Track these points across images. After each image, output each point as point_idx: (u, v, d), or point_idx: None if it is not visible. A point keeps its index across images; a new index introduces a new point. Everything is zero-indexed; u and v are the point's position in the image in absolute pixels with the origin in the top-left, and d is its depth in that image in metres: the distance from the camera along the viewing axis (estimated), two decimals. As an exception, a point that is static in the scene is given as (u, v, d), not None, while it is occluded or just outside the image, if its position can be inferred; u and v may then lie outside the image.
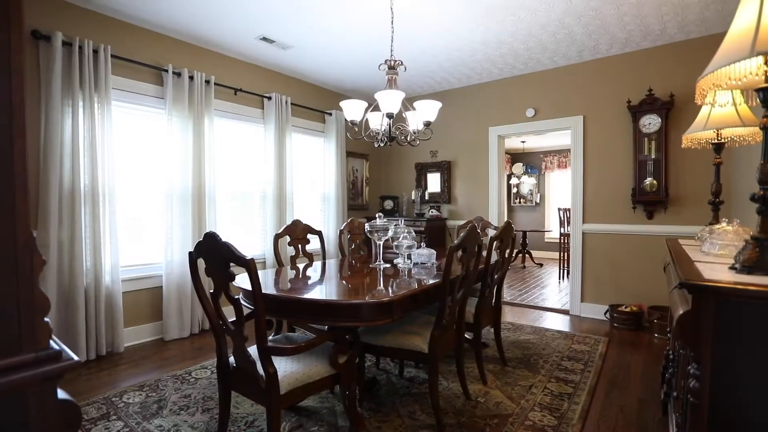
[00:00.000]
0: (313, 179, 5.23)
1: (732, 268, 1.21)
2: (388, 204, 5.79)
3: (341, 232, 3.48)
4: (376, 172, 6.21)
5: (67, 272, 3.04)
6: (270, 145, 4.46)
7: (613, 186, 4.13)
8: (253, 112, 4.41)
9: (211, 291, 1.73)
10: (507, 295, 5.36)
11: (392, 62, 2.81)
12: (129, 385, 2.63)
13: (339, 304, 1.77)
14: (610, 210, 4.15)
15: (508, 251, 2.87)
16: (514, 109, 4.80)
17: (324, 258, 3.28)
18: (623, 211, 4.07)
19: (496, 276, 2.75)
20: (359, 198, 5.99)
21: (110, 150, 3.21)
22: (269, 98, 4.45)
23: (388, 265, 2.79)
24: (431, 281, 2.14)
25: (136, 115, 3.53)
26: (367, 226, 2.75)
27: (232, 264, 1.60)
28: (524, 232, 8.00)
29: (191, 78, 3.72)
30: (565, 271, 6.48)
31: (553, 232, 8.83)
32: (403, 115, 3.00)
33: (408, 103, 2.92)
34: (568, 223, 6.26)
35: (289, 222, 4.67)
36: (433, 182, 5.60)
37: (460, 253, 2.10)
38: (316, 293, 1.96)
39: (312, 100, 5.12)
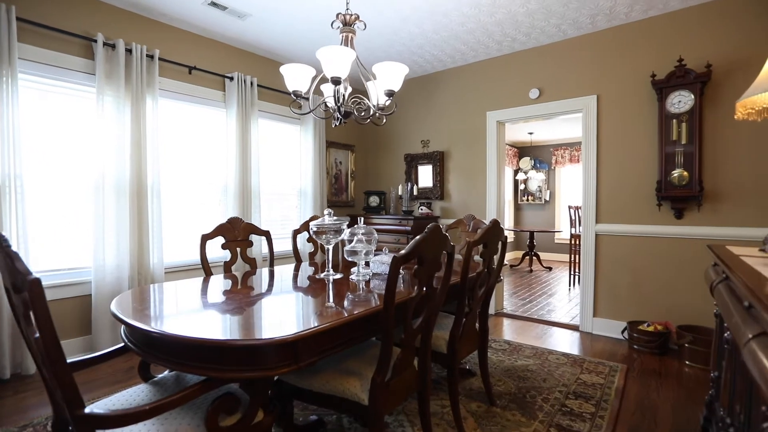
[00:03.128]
0: (287, 172, 4.64)
1: None
2: (374, 200, 5.17)
3: (296, 232, 2.88)
4: (363, 164, 5.60)
5: (-40, 280, 2.51)
6: (232, 132, 3.88)
7: (633, 179, 3.44)
8: (214, 95, 3.84)
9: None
10: (508, 304, 4.69)
11: (347, 16, 2.20)
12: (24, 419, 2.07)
13: (210, 344, 1.16)
14: (629, 208, 3.46)
15: (497, 258, 2.23)
16: (515, 91, 4.13)
17: (271, 264, 2.68)
18: (645, 209, 3.37)
19: (480, 291, 2.12)
20: (343, 193, 5.39)
21: (17, 133, 2.67)
22: (231, 78, 3.87)
23: (337, 276, 2.17)
24: (365, 308, 1.51)
25: (58, 93, 2.97)
26: (312, 225, 2.15)
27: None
28: (531, 233, 7.29)
29: (129, 51, 3.16)
30: (576, 276, 5.77)
31: (563, 232, 8.10)
32: (366, 85, 2.38)
33: (372, 73, 2.30)
34: (580, 222, 5.56)
35: (255, 219, 4.14)
36: (425, 176, 4.96)
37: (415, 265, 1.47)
38: (189, 324, 1.35)
39: (283, 83, 4.52)
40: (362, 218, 2.38)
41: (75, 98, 3.04)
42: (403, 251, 1.40)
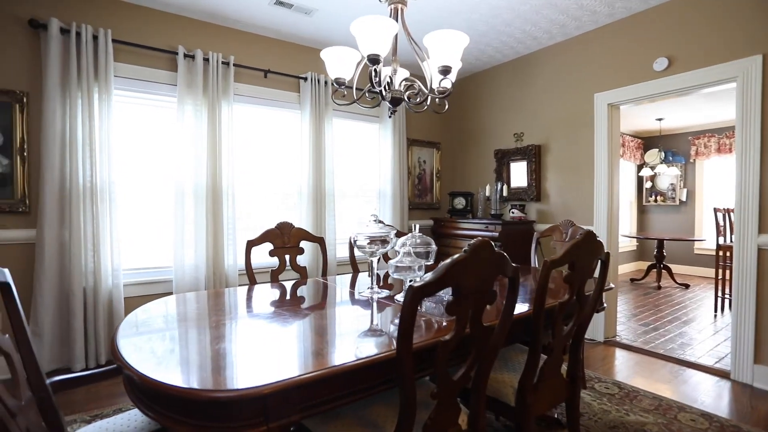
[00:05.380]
0: (365, 173, 4.45)
1: None
2: (459, 202, 4.68)
3: (354, 240, 2.61)
4: (449, 163, 5.15)
5: (67, 274, 2.82)
6: (306, 133, 3.81)
7: (821, 170, 2.39)
8: (288, 96, 3.82)
9: None
10: (624, 330, 3.79)
11: (396, -17, 1.84)
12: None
13: (167, 389, 0.92)
14: (814, 212, 2.42)
15: (596, 282, 1.65)
16: (633, 63, 3.28)
17: (323, 274, 2.46)
18: None
19: (567, 327, 1.57)
20: (427, 195, 5.01)
21: (111, 143, 2.91)
22: (305, 79, 3.81)
23: (383, 294, 1.83)
24: (378, 352, 1.13)
25: (146, 105, 3.20)
26: (353, 235, 1.84)
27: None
28: (660, 241, 5.95)
29: (206, 60, 3.27)
30: (726, 300, 4.47)
31: (706, 241, 6.48)
32: (422, 67, 1.99)
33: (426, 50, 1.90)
34: (731, 230, 4.29)
35: (330, 222, 4.01)
36: (518, 174, 4.31)
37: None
38: (162, 362, 1.14)
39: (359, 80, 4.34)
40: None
41: (159, 108, 3.24)
42: (428, 276, 1.00)
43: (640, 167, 7.45)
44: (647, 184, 7.45)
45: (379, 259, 2.66)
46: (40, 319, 2.70)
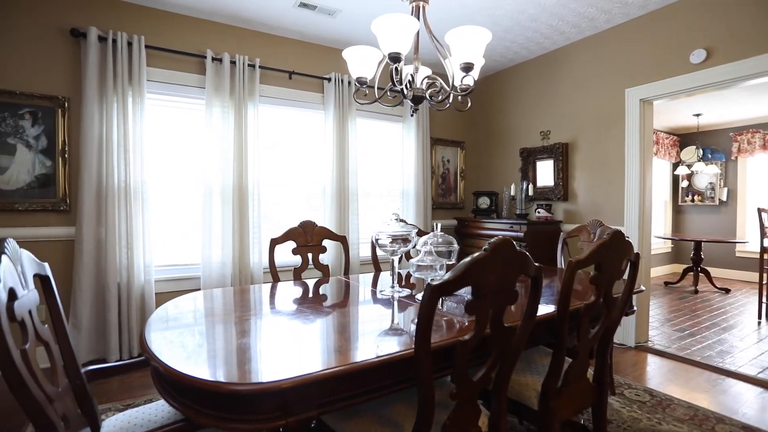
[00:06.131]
0: (388, 172, 4.45)
1: None
2: (484, 202, 4.61)
3: (375, 239, 2.61)
4: (474, 162, 5.08)
5: (102, 270, 2.96)
6: (330, 133, 3.85)
7: None
8: (312, 97, 3.87)
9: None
10: (657, 336, 3.63)
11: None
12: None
13: (189, 381, 0.95)
14: None
15: (625, 283, 1.59)
16: (668, 56, 3.13)
17: (346, 273, 2.47)
18: None
19: (593, 330, 1.52)
20: (451, 194, 4.97)
21: (143, 145, 3.04)
22: (328, 79, 3.85)
23: (404, 293, 1.83)
24: (396, 350, 1.12)
25: (176, 107, 3.32)
26: (375, 234, 1.85)
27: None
28: (698, 242, 5.67)
29: (233, 63, 3.36)
30: (770, 305, 4.21)
31: (749, 243, 6.13)
32: (444, 65, 1.97)
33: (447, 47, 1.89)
34: (777, 231, 4.05)
35: (353, 221, 4.04)
36: (544, 173, 4.21)
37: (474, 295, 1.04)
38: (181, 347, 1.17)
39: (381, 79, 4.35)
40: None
41: (188, 111, 3.35)
42: (447, 275, 0.99)
43: (675, 165, 7.12)
44: (683, 183, 7.12)
45: (401, 258, 2.66)
46: (79, 312, 2.85)
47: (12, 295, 0.91)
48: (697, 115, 6.06)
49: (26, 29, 2.78)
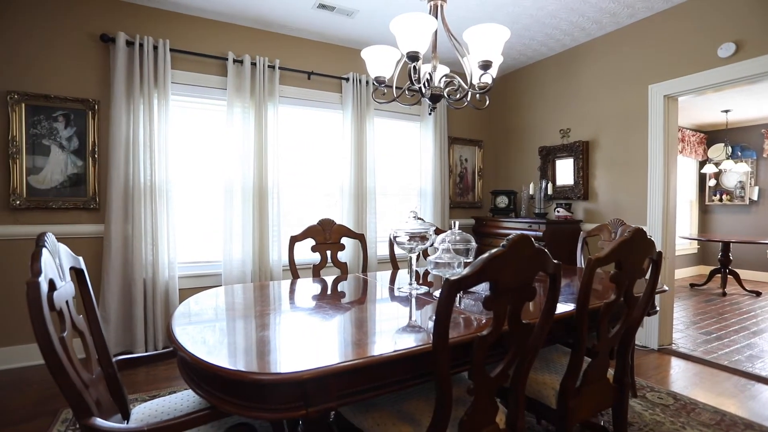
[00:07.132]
0: (406, 171, 4.47)
1: None
2: (502, 201, 4.58)
3: (393, 236, 2.63)
4: (492, 161, 5.05)
5: (129, 266, 3.07)
6: (348, 133, 3.89)
7: None
8: (330, 97, 3.92)
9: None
10: (682, 338, 3.53)
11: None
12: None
13: (215, 370, 0.98)
14: None
15: (648, 281, 1.57)
16: (694, 50, 3.05)
17: (364, 270, 2.50)
18: None
19: (614, 329, 1.51)
20: (469, 193, 4.94)
21: (168, 145, 3.14)
22: (347, 79, 3.89)
23: (421, 291, 1.84)
24: (414, 345, 1.14)
25: (199, 108, 3.41)
26: (393, 231, 1.87)
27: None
28: (726, 243, 5.48)
29: (254, 64, 3.43)
30: (804, 308, 4.03)
31: (782, 244, 5.87)
32: (462, 63, 1.97)
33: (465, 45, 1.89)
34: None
35: (371, 220, 4.07)
36: (564, 171, 4.14)
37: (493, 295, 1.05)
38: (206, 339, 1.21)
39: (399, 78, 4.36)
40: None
41: (210, 111, 3.44)
42: (465, 271, 1.00)
43: (702, 164, 6.90)
44: (711, 182, 6.88)
45: (419, 256, 2.67)
46: (108, 306, 2.96)
47: (51, 285, 0.96)
48: (726, 111, 5.85)
49: (59, 36, 2.91)
